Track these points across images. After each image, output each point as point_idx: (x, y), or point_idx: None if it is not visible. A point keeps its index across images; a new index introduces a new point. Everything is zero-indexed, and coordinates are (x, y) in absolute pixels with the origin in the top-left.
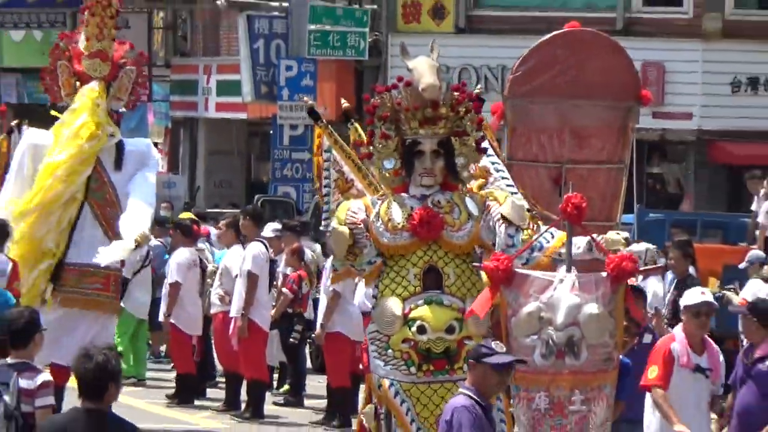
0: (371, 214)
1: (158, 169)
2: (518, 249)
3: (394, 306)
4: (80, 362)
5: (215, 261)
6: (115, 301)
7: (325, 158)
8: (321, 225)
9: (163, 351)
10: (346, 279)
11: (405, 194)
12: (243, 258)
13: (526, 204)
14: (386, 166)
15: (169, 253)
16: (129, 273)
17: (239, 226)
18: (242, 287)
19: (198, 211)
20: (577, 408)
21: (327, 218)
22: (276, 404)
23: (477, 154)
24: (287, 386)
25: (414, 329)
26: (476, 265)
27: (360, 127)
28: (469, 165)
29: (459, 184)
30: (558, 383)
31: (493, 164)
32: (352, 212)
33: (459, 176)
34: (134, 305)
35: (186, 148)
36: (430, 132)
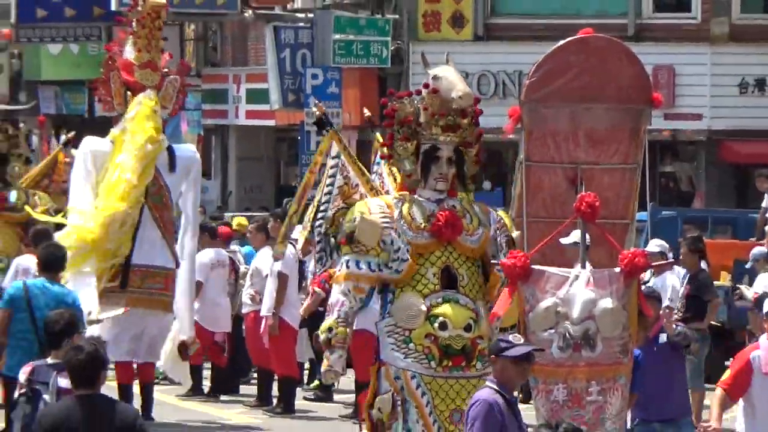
0: (394, 213)
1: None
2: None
3: (418, 301)
4: (73, 354)
5: (246, 263)
6: (172, 299)
7: (333, 164)
8: (305, 226)
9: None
10: (350, 281)
11: (420, 197)
12: (273, 258)
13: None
14: (404, 168)
15: None
16: None
17: (268, 229)
18: (273, 287)
19: (214, 215)
20: (594, 398)
21: (320, 224)
22: (306, 399)
23: (475, 166)
24: (317, 382)
25: (436, 325)
26: (494, 262)
27: (380, 135)
28: (470, 174)
29: (461, 192)
30: (575, 375)
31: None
32: (378, 205)
33: (465, 184)
34: None
35: (217, 155)
36: (449, 139)
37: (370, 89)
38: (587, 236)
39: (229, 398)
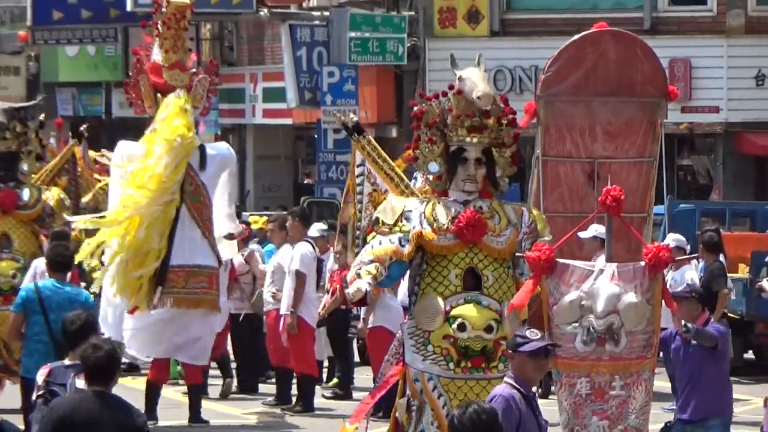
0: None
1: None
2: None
3: (436, 303)
4: (91, 351)
5: (265, 262)
6: (217, 298)
7: (359, 172)
8: (354, 244)
9: None
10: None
11: (448, 198)
12: (291, 257)
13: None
14: (431, 170)
15: None
16: None
17: (287, 227)
18: (291, 285)
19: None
20: (617, 393)
21: (358, 236)
22: (325, 397)
23: (511, 167)
24: (336, 380)
25: (455, 326)
26: (519, 255)
27: (372, 140)
28: (504, 175)
29: (494, 193)
30: (599, 369)
31: None
32: (402, 200)
33: (497, 185)
34: None
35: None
36: (476, 140)
37: (387, 86)
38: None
39: (248, 397)
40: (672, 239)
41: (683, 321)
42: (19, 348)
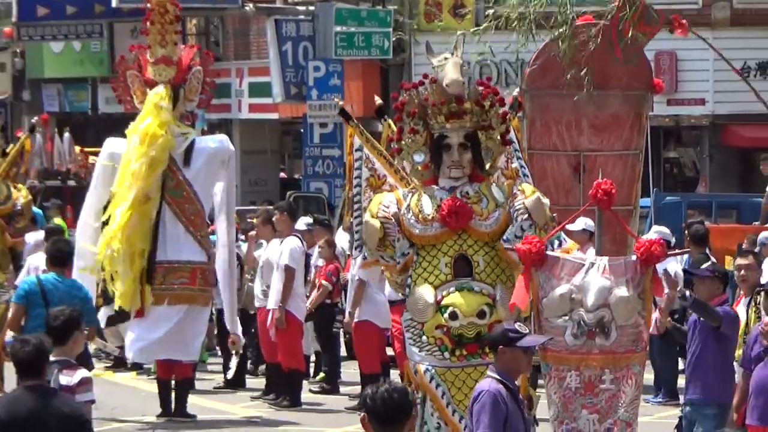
0: (402, 207)
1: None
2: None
3: (427, 294)
4: (19, 347)
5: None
6: (204, 294)
7: (356, 157)
8: (349, 221)
9: None
10: (375, 267)
11: (435, 186)
12: (280, 252)
13: (548, 202)
14: (416, 160)
15: None
16: None
17: (274, 221)
18: (279, 280)
19: None
20: (607, 387)
21: (359, 215)
22: (312, 392)
23: (502, 147)
24: (323, 374)
25: (446, 315)
26: (508, 247)
27: (393, 124)
28: (496, 157)
29: (486, 176)
30: (588, 363)
31: (521, 167)
32: (384, 206)
33: (485, 168)
34: None
35: None
36: (456, 126)
37: (373, 80)
38: (592, 224)
39: (235, 392)
40: (655, 231)
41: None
42: None
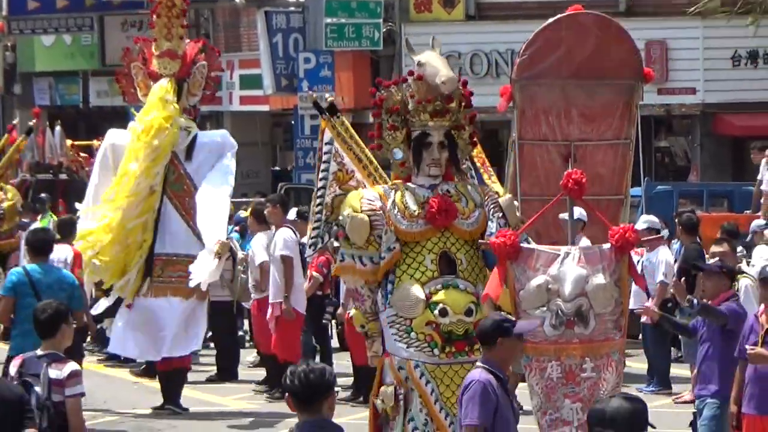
0: (387, 203)
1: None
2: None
3: (416, 290)
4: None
5: (244, 248)
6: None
7: (326, 150)
8: (311, 213)
9: None
10: (348, 275)
11: (414, 184)
12: (274, 244)
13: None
14: (395, 157)
15: None
16: None
17: (263, 214)
18: (277, 272)
19: None
20: (588, 375)
21: (319, 210)
22: None
23: (470, 148)
24: None
25: (436, 312)
26: (482, 242)
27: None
28: (464, 157)
29: (461, 176)
30: (569, 352)
31: (469, 169)
32: (369, 200)
33: (461, 168)
34: None
35: None
36: (438, 124)
37: (363, 72)
38: (585, 213)
39: (228, 385)
40: (644, 220)
41: (689, 297)
42: None
